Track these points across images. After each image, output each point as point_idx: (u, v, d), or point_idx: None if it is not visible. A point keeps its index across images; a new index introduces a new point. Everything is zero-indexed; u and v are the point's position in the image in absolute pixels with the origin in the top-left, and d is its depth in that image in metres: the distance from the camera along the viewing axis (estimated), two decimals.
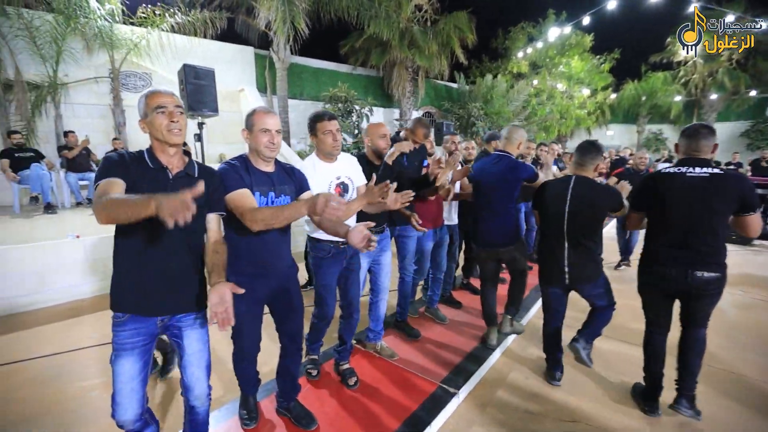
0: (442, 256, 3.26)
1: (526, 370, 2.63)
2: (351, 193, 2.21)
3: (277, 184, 1.74)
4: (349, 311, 2.33)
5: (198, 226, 1.49)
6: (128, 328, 1.37)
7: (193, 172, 1.47)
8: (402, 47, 10.56)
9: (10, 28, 6.45)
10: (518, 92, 14.31)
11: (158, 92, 1.39)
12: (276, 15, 7.53)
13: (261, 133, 1.64)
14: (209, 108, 5.40)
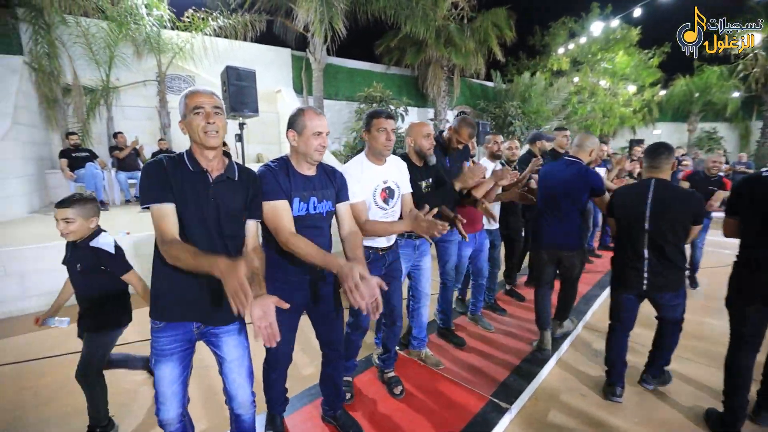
0: (483, 261, 3.14)
1: (583, 386, 2.43)
2: (396, 200, 2.10)
3: (319, 188, 1.65)
4: (392, 319, 2.24)
5: (237, 232, 1.45)
6: (166, 334, 1.38)
7: (234, 175, 1.42)
8: (438, 46, 10.38)
9: (69, 36, 6.86)
10: (558, 90, 13.72)
11: (197, 92, 1.33)
12: (314, 16, 7.59)
13: (313, 137, 1.55)
14: (250, 109, 5.49)
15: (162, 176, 1.30)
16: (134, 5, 6.96)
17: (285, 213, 1.53)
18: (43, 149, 6.72)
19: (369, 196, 1.98)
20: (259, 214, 1.51)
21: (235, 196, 1.40)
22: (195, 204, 1.32)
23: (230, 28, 8.15)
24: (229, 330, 1.47)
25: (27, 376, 2.59)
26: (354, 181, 1.89)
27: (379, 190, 2.02)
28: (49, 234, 4.13)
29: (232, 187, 1.40)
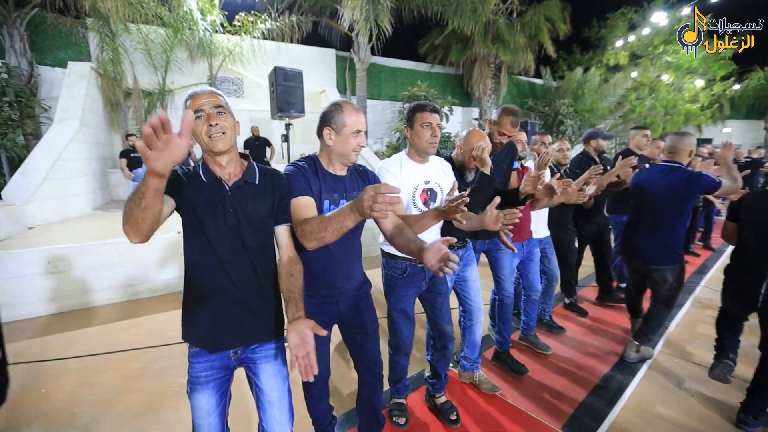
0: (534, 273, 2.76)
1: (665, 423, 2.09)
2: (439, 203, 1.81)
3: (350, 190, 1.50)
4: (442, 342, 2.00)
5: (265, 241, 1.29)
6: (201, 360, 1.26)
7: (254, 178, 1.27)
8: (485, 42, 9.99)
9: (131, 42, 7.26)
10: (614, 86, 12.79)
11: (195, 94, 1.20)
12: (360, 15, 7.52)
13: (353, 136, 1.40)
14: (296, 109, 5.47)
15: (175, 182, 1.17)
16: (189, 11, 7.23)
17: (307, 207, 1.36)
18: (106, 150, 7.14)
19: (407, 197, 1.79)
20: (288, 217, 1.34)
21: (257, 201, 1.26)
22: (212, 216, 1.19)
23: (277, 30, 8.30)
24: (267, 355, 1.31)
25: (86, 371, 2.65)
26: (391, 176, 1.74)
27: (419, 191, 1.81)
28: (110, 230, 4.33)
29: (252, 192, 1.26)
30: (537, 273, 2.79)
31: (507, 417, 2.12)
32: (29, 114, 6.56)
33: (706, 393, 2.35)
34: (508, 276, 2.52)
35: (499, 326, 2.63)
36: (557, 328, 3.12)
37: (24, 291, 3.48)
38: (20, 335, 3.22)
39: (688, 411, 2.13)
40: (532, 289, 2.79)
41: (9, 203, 4.56)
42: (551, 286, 3.09)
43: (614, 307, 3.60)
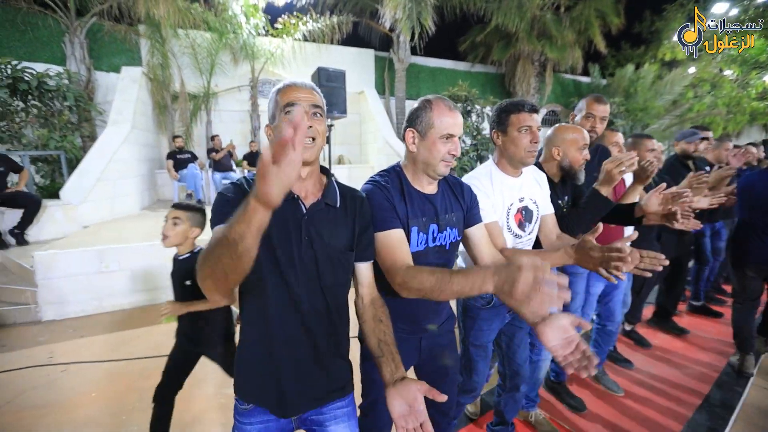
0: (617, 301, 2.38)
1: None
2: (534, 223, 1.59)
3: (441, 212, 1.23)
4: (514, 382, 1.74)
5: (341, 279, 1.03)
6: (254, 422, 1.02)
7: (335, 200, 1.02)
8: (530, 39, 9.54)
9: (179, 47, 7.48)
10: (670, 83, 11.86)
11: (293, 85, 0.97)
12: (402, 13, 7.37)
13: (441, 142, 1.13)
14: (339, 110, 5.41)
15: (234, 200, 0.91)
16: (234, 15, 7.35)
17: (402, 246, 1.12)
18: (154, 151, 7.40)
19: (501, 219, 1.50)
20: (371, 253, 1.10)
21: (337, 230, 1.01)
22: (284, 243, 0.94)
23: (318, 31, 8.30)
24: (338, 415, 1.06)
25: (135, 376, 2.64)
26: (483, 196, 1.43)
27: (513, 210, 1.52)
28: (158, 231, 4.42)
29: (332, 217, 1.01)
30: (620, 301, 2.41)
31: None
32: (86, 117, 6.89)
33: None
34: (578, 301, 2.17)
35: (594, 351, 2.28)
36: (623, 362, 2.72)
37: (77, 289, 3.58)
38: (73, 334, 3.30)
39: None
40: (611, 319, 2.41)
41: (66, 203, 4.76)
42: (623, 314, 2.67)
43: (671, 333, 3.21)
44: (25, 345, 3.10)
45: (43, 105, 6.20)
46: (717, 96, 13.08)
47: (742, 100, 13.10)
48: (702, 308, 3.49)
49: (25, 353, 2.97)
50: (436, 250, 1.23)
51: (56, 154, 5.79)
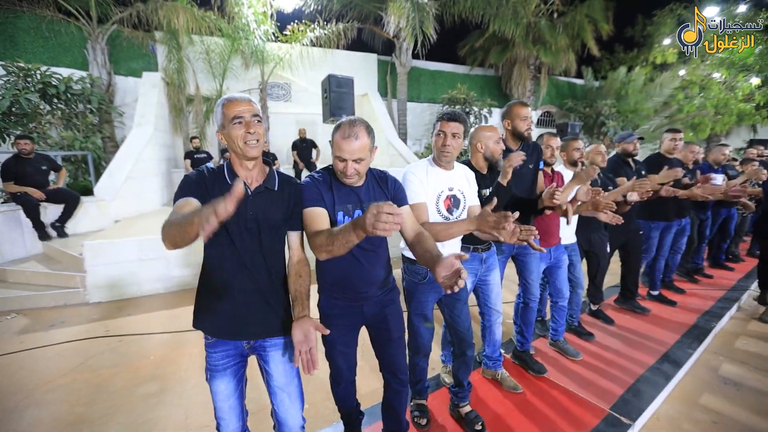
0: (562, 280, 2.74)
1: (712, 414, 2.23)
2: (461, 210, 1.89)
3: (365, 200, 1.48)
4: (461, 348, 1.97)
5: (278, 245, 1.38)
6: (218, 350, 1.35)
7: (273, 185, 1.35)
8: (526, 44, 10.01)
9: (194, 53, 7.91)
10: (660, 86, 12.37)
11: (234, 100, 1.25)
12: (406, 22, 7.80)
13: (337, 161, 1.40)
14: (347, 113, 5.82)
15: (200, 183, 1.26)
16: (246, 22, 7.78)
17: (318, 218, 1.39)
18: (170, 151, 7.83)
19: (432, 203, 1.82)
20: (299, 225, 1.42)
21: (274, 207, 1.34)
22: (235, 218, 1.19)
23: (325, 37, 8.72)
24: (276, 344, 1.39)
25: (181, 344, 3.08)
26: (417, 181, 1.77)
27: (443, 197, 1.84)
28: None
29: (271, 198, 1.34)
30: (565, 280, 2.78)
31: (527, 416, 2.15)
32: (107, 119, 7.32)
33: (750, 385, 2.48)
34: (535, 279, 2.53)
35: (521, 327, 2.65)
36: (586, 334, 3.06)
37: (120, 275, 4.01)
38: (120, 312, 3.73)
39: (731, 401, 2.25)
40: (560, 295, 2.78)
41: (100, 199, 5.19)
42: (576, 293, 3.03)
43: (635, 315, 3.51)
44: (82, 322, 3.53)
45: (67, 108, 6.62)
46: (706, 98, 13.60)
47: (730, 101, 13.61)
48: (658, 297, 3.80)
49: (83, 328, 3.41)
50: None
51: (84, 154, 6.21)
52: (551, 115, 13.74)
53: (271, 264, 1.36)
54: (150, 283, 4.15)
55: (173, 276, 4.25)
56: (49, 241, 4.61)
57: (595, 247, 3.13)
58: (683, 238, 3.89)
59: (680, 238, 3.88)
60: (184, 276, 4.29)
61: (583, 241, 3.05)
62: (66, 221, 4.78)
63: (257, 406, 1.58)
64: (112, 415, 2.25)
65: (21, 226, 4.55)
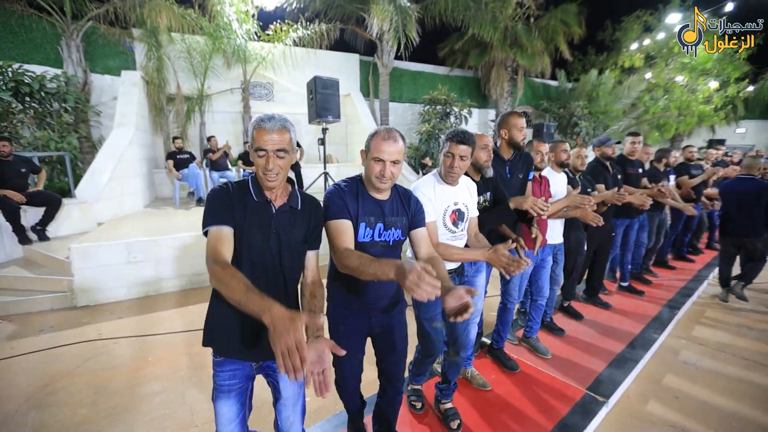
0: (544, 279, 2.86)
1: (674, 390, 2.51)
2: (465, 222, 1.99)
3: (387, 214, 1.54)
4: (456, 350, 2.07)
5: (297, 263, 1.39)
6: (226, 369, 1.34)
7: (297, 204, 1.36)
8: (503, 47, 10.34)
9: (174, 51, 7.78)
10: (629, 88, 13.00)
11: (263, 129, 1.21)
12: (389, 25, 7.94)
13: (374, 162, 1.44)
14: (333, 115, 5.93)
15: (225, 201, 1.26)
16: (228, 21, 7.72)
17: (346, 231, 1.43)
18: (151, 151, 7.69)
19: (439, 218, 1.90)
20: (318, 244, 1.44)
21: (296, 226, 1.35)
22: (258, 234, 1.27)
23: (308, 38, 8.75)
24: None
25: (178, 345, 3.13)
26: (426, 200, 1.81)
27: (449, 212, 1.92)
28: (166, 225, 4.83)
29: (294, 217, 1.35)
30: (547, 279, 2.88)
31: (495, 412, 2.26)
32: (83, 119, 7.12)
33: (705, 367, 2.80)
34: (516, 284, 2.65)
35: (498, 326, 2.77)
36: (558, 330, 3.23)
37: (108, 278, 3.99)
38: (111, 316, 3.73)
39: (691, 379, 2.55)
40: (540, 294, 2.88)
41: (82, 201, 5.10)
42: (554, 291, 3.17)
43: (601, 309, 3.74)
44: (73, 326, 3.51)
45: (41, 107, 6.42)
46: (669, 99, 14.39)
47: (691, 103, 14.45)
48: (628, 288, 4.12)
49: (75, 332, 3.39)
50: (381, 245, 1.54)
51: (61, 155, 6.04)
52: (528, 116, 14.19)
53: (289, 283, 1.37)
54: (139, 286, 4.15)
55: (162, 279, 4.26)
56: (30, 245, 4.51)
57: (573, 245, 3.28)
58: (644, 232, 4.23)
59: (641, 233, 4.22)
60: (174, 279, 4.31)
61: (564, 240, 3.17)
62: (47, 224, 4.68)
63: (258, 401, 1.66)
64: (117, 415, 2.31)
65: (0, 230, 4.43)
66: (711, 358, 2.93)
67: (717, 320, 3.61)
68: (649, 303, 3.85)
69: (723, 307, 3.90)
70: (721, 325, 3.52)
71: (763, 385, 2.59)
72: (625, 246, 4.07)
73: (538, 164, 2.73)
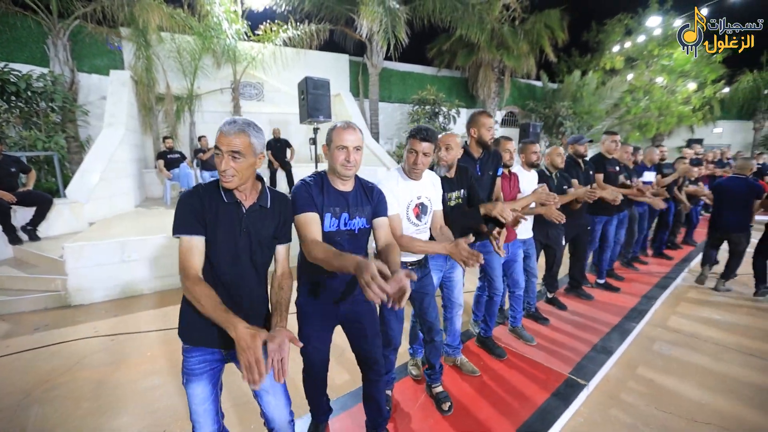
0: (518, 272, 3.01)
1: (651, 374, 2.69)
2: (428, 216, 2.06)
3: (352, 204, 1.62)
4: (430, 335, 2.20)
5: (268, 258, 1.46)
6: (195, 355, 1.38)
7: (266, 203, 1.42)
8: (490, 48, 10.54)
9: (163, 50, 7.76)
10: (611, 89, 13.39)
11: (221, 131, 1.27)
12: (379, 26, 8.05)
13: (337, 150, 1.53)
14: (324, 114, 6.01)
15: (196, 207, 1.30)
16: (218, 21, 7.73)
17: (313, 224, 1.52)
18: (140, 151, 7.65)
19: (402, 211, 1.97)
20: (288, 237, 1.51)
21: (266, 224, 1.42)
22: (228, 234, 1.34)
23: (297, 38, 8.81)
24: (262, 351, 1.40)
25: (178, 342, 3.19)
26: (389, 192, 1.87)
27: (412, 205, 1.99)
28: (157, 225, 4.85)
29: (263, 215, 1.42)
30: (521, 272, 3.04)
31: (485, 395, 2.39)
32: (71, 118, 7.05)
33: (677, 355, 3.01)
34: (498, 276, 2.76)
35: (485, 317, 2.91)
36: (542, 319, 3.40)
37: (102, 277, 4.01)
38: (106, 314, 3.76)
39: (665, 363, 2.74)
40: (516, 286, 3.04)
41: (73, 201, 5.08)
42: (532, 282, 3.32)
43: (583, 300, 3.91)
44: (67, 324, 3.53)
45: (27, 106, 6.34)
46: (650, 100, 14.86)
47: (671, 104, 14.96)
48: (605, 285, 4.21)
49: (71, 330, 3.42)
50: (347, 234, 1.62)
51: (49, 154, 5.99)
52: (514, 116, 14.50)
53: (261, 277, 1.45)
54: (133, 284, 4.18)
55: (156, 277, 4.29)
56: (21, 245, 4.50)
57: (552, 241, 3.43)
58: (622, 229, 4.38)
59: (620, 230, 4.36)
60: (168, 277, 4.35)
61: (541, 236, 3.33)
62: (38, 224, 4.66)
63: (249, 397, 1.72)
64: (120, 407, 2.37)
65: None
66: (683, 345, 3.13)
67: (689, 313, 3.81)
68: (627, 296, 4.02)
69: (698, 300, 4.10)
70: (695, 315, 3.73)
71: (729, 371, 2.80)
72: (604, 243, 4.19)
73: (507, 162, 2.82)
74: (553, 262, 3.59)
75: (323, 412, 1.98)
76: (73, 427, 2.21)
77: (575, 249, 3.90)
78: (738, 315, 3.70)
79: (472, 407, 2.29)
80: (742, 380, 2.64)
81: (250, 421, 2.21)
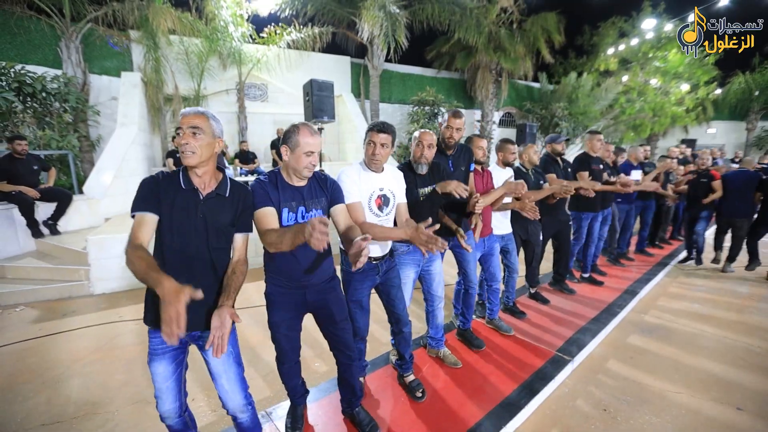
0: (494, 266, 3.05)
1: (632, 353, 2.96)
2: (391, 208, 2.10)
3: (307, 197, 1.69)
4: (399, 327, 2.25)
5: (225, 245, 1.52)
6: (157, 335, 1.44)
7: (225, 191, 1.49)
8: (488, 51, 10.82)
9: (171, 53, 8.02)
10: (606, 90, 13.68)
11: (182, 115, 1.40)
12: (379, 30, 8.32)
13: (304, 156, 1.60)
14: (328, 115, 6.28)
15: (153, 190, 1.38)
16: (225, 24, 7.99)
17: (268, 217, 1.59)
18: (149, 150, 7.90)
19: (364, 202, 2.00)
20: (248, 227, 1.58)
21: (223, 211, 1.48)
22: (184, 218, 1.39)
23: (301, 41, 9.07)
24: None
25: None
26: (351, 182, 1.94)
27: (374, 197, 2.03)
28: None
29: (221, 203, 1.48)
30: (497, 265, 3.07)
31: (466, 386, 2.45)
32: (83, 119, 7.30)
33: (657, 338, 3.28)
34: (473, 269, 2.81)
35: (463, 310, 2.97)
36: (519, 313, 3.46)
37: (122, 268, 4.26)
38: (127, 301, 4.02)
39: (645, 345, 3.01)
40: (493, 279, 3.09)
41: (90, 197, 5.34)
42: (512, 278, 3.38)
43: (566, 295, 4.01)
44: (92, 310, 3.80)
45: (41, 107, 6.59)
46: (644, 102, 15.17)
47: (665, 105, 15.27)
48: (589, 279, 4.39)
49: (96, 315, 3.69)
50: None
51: (64, 153, 6.24)
52: (512, 116, 14.79)
53: (217, 262, 1.49)
54: None
55: None
56: (42, 238, 4.76)
57: (531, 237, 3.52)
58: (606, 226, 4.56)
59: (603, 227, 4.53)
60: None
61: (521, 232, 3.43)
62: (58, 219, 4.92)
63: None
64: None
65: (14, 224, 4.66)
66: (666, 328, 3.41)
67: (669, 306, 4.08)
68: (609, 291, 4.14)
69: (678, 294, 4.37)
70: (674, 308, 4.01)
71: (702, 354, 3.08)
72: (589, 238, 4.34)
73: (479, 158, 2.88)
74: (532, 258, 3.66)
75: (299, 394, 2.04)
76: (113, 395, 2.48)
77: (559, 245, 4.01)
78: (715, 308, 3.93)
79: (446, 395, 2.37)
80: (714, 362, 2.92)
81: (217, 404, 2.28)
